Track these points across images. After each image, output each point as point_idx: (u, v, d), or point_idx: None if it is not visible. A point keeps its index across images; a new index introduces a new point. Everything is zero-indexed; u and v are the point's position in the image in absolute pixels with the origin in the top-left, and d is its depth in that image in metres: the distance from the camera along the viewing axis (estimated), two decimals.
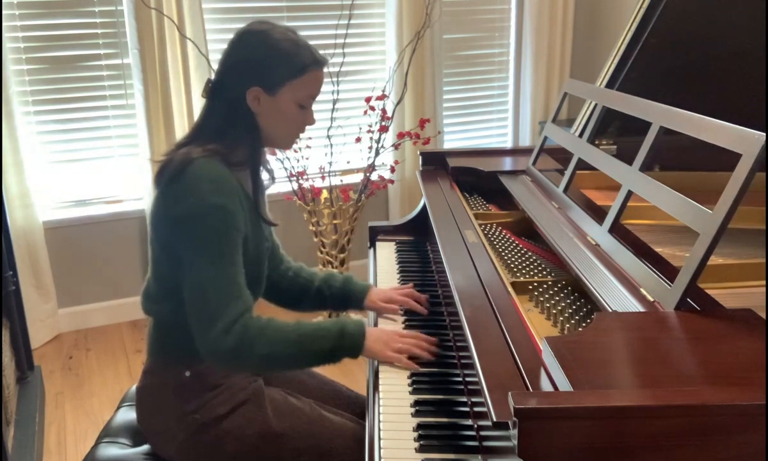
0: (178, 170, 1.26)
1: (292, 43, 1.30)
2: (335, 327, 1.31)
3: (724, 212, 0.96)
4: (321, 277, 1.62)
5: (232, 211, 1.26)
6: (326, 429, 1.37)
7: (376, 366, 1.32)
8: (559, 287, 1.29)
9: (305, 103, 1.34)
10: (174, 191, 1.27)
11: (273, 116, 1.33)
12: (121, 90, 3.12)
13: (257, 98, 1.30)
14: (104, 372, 2.86)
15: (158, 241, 1.33)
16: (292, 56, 1.29)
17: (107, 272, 3.22)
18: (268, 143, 1.39)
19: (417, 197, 2.67)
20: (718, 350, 0.87)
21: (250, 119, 1.32)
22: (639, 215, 1.59)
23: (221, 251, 1.24)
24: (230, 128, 1.32)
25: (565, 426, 0.72)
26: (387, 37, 3.47)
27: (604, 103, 1.55)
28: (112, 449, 1.40)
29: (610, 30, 3.75)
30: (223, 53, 1.34)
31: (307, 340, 1.29)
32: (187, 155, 1.27)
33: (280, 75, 1.29)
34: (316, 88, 1.35)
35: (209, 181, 1.25)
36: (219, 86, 1.33)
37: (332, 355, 1.31)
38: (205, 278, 1.23)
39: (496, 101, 3.95)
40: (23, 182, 2.94)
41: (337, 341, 1.30)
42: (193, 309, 1.25)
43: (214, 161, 1.28)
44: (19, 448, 2.15)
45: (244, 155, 1.34)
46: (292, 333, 1.28)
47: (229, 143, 1.32)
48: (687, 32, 1.87)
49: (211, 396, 1.34)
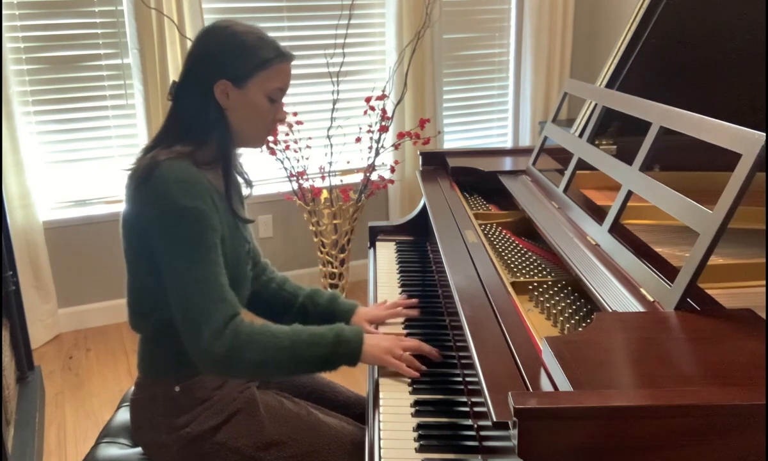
0: (145, 175, 1.23)
1: (256, 37, 1.29)
2: (331, 333, 1.28)
3: (724, 212, 0.96)
4: (306, 293, 1.56)
5: (205, 211, 1.23)
6: (323, 435, 1.35)
7: (376, 366, 1.32)
8: (559, 287, 1.28)
9: (275, 96, 1.31)
10: (142, 196, 1.24)
11: (243, 111, 1.30)
12: (121, 90, 3.12)
13: (226, 93, 1.28)
14: (104, 372, 2.86)
15: (134, 251, 1.30)
16: (257, 48, 1.27)
17: (107, 272, 3.22)
18: (240, 141, 1.35)
19: (417, 197, 2.68)
20: (718, 350, 0.87)
21: (218, 115, 1.29)
22: (639, 215, 1.59)
23: (198, 253, 1.21)
24: (198, 125, 1.29)
25: (565, 426, 0.72)
26: (387, 37, 3.47)
27: (604, 103, 1.55)
28: (112, 449, 1.40)
29: (610, 30, 3.75)
30: (188, 53, 1.32)
31: (302, 346, 1.26)
32: (153, 158, 1.24)
33: (247, 67, 1.27)
34: (284, 81, 1.32)
35: (177, 182, 1.21)
36: (185, 85, 1.30)
37: (328, 362, 1.28)
38: (185, 283, 1.20)
39: (496, 101, 3.95)
40: (23, 182, 2.94)
41: (333, 348, 1.27)
42: (179, 316, 1.22)
43: (183, 162, 1.24)
44: (19, 448, 2.15)
45: (214, 153, 1.31)
46: (285, 339, 1.25)
47: (198, 141, 1.29)
48: (687, 32, 1.87)
49: (202, 409, 1.32)
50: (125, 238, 1.31)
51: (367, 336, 1.31)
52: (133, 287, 1.34)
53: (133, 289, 1.34)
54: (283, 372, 1.37)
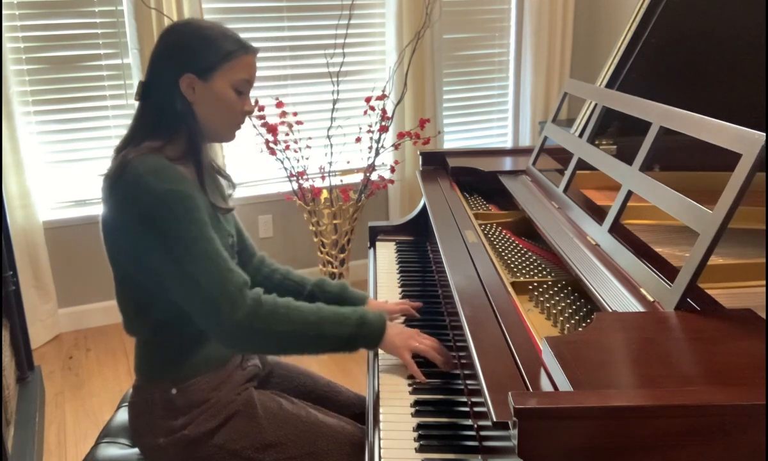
0: (117, 175, 1.22)
1: (219, 31, 1.29)
2: (355, 315, 1.29)
3: (724, 212, 0.96)
4: (313, 281, 1.56)
5: (186, 192, 1.21)
6: (323, 435, 1.34)
7: (377, 365, 1.32)
8: (559, 287, 1.28)
9: (241, 88, 1.31)
10: (119, 195, 1.23)
11: (210, 104, 1.29)
12: (121, 90, 3.12)
13: (191, 86, 1.27)
14: (104, 372, 2.86)
15: (118, 253, 1.29)
16: (221, 41, 1.28)
17: (107, 272, 3.17)
18: (209, 135, 1.34)
19: (417, 197, 2.68)
20: (718, 350, 0.87)
21: (185, 108, 1.28)
22: (639, 215, 1.59)
23: (192, 233, 1.20)
24: (166, 120, 1.28)
25: (565, 426, 0.72)
26: (387, 37, 3.47)
27: (604, 103, 1.55)
28: (112, 449, 1.40)
29: (610, 30, 3.75)
30: (153, 50, 1.31)
31: (328, 323, 1.26)
32: (123, 157, 1.23)
33: (211, 59, 1.27)
34: (250, 73, 1.31)
35: (151, 173, 1.20)
36: (151, 83, 1.29)
37: (349, 343, 1.28)
38: (188, 265, 1.19)
39: (496, 101, 3.95)
40: (23, 182, 2.94)
41: (357, 329, 1.28)
42: (192, 305, 1.21)
43: (154, 156, 1.24)
44: (19, 448, 2.15)
45: (184, 147, 1.30)
46: (312, 315, 1.25)
47: (166, 136, 1.28)
48: (687, 32, 1.87)
49: (199, 411, 1.31)
50: (107, 242, 1.30)
51: (390, 325, 1.32)
52: (122, 291, 1.33)
53: (122, 293, 1.33)
54: (305, 349, 1.30)
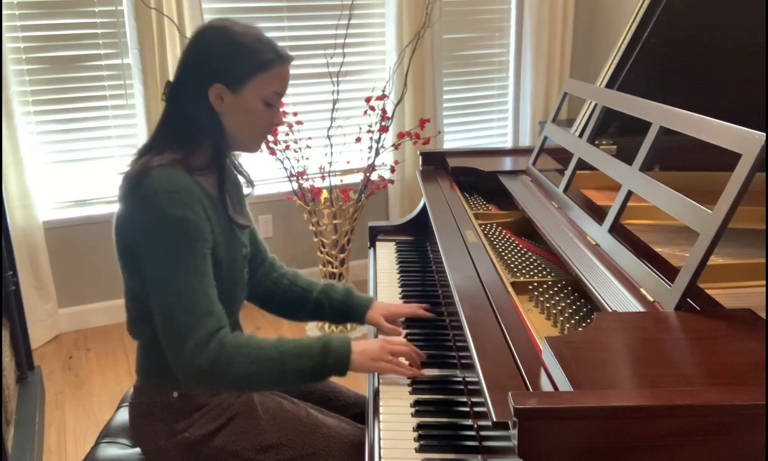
0: (135, 183, 1.20)
1: (254, 38, 1.23)
2: (318, 344, 1.24)
3: (724, 212, 0.96)
4: (320, 287, 1.54)
5: (194, 221, 1.19)
6: (323, 436, 1.34)
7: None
8: (559, 287, 1.28)
9: (272, 101, 1.27)
10: (132, 204, 1.22)
11: (238, 116, 1.26)
12: (121, 90, 3.12)
13: (220, 97, 1.24)
14: (104, 372, 2.86)
15: (124, 256, 1.28)
16: (255, 51, 1.23)
17: (107, 272, 3.21)
18: (234, 145, 1.31)
19: (417, 197, 2.67)
20: (718, 350, 0.87)
21: (212, 119, 1.25)
22: (639, 215, 1.59)
23: (186, 264, 1.18)
24: (192, 129, 1.26)
25: (565, 426, 0.72)
26: (387, 37, 3.47)
27: (604, 103, 1.55)
28: (112, 449, 1.40)
29: (610, 30, 3.74)
30: (182, 52, 1.28)
31: (289, 358, 1.21)
32: (145, 165, 1.21)
33: (243, 71, 1.22)
34: (282, 85, 1.27)
35: (165, 192, 1.18)
36: (179, 87, 1.26)
37: (316, 374, 1.24)
38: (169, 294, 1.17)
39: (496, 101, 3.95)
40: (23, 182, 2.94)
41: (321, 360, 1.23)
42: (162, 328, 1.19)
43: (173, 170, 1.22)
44: (19, 448, 2.15)
45: (208, 157, 1.28)
46: (273, 351, 1.21)
47: (191, 146, 1.26)
48: (687, 32, 1.87)
49: (200, 414, 1.31)
50: (117, 242, 1.29)
51: (355, 344, 1.27)
52: (128, 292, 1.33)
53: (128, 294, 1.33)
54: (270, 385, 1.32)
